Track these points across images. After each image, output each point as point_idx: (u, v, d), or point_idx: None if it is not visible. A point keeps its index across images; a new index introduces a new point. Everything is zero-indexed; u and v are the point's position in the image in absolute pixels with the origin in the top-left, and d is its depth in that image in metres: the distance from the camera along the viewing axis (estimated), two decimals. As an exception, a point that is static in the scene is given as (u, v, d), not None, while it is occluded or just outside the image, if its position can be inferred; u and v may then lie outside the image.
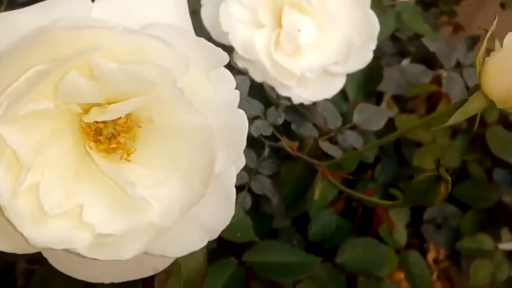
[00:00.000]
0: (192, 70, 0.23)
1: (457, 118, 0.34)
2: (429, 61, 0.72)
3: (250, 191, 0.51)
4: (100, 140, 0.25)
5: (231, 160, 0.25)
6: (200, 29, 0.49)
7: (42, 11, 0.23)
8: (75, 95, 0.22)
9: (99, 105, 0.24)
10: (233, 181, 0.26)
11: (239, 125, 0.25)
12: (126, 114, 0.25)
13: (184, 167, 0.25)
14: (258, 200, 0.55)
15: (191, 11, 0.35)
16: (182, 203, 0.24)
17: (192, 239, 0.25)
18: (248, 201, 0.51)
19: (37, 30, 0.21)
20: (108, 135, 0.25)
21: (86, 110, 0.24)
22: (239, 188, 0.52)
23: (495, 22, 0.33)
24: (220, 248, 0.50)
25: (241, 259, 0.50)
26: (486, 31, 0.34)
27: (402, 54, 0.76)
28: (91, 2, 0.24)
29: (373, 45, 0.50)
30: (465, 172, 0.70)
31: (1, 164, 0.21)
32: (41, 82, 0.21)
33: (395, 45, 0.74)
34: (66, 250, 0.23)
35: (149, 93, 0.23)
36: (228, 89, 0.24)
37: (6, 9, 0.69)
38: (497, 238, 0.66)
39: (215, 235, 0.26)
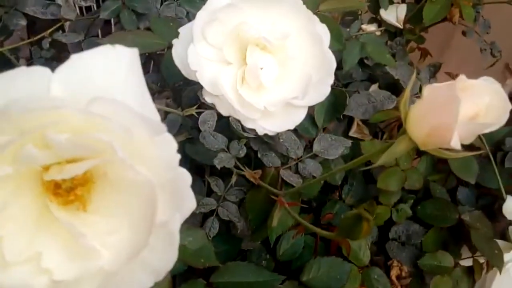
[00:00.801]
0: (136, 137, 0.27)
1: (386, 158, 0.37)
2: (396, 86, 0.75)
3: (218, 216, 0.55)
4: (59, 193, 0.29)
5: (174, 210, 0.29)
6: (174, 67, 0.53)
7: (4, 82, 0.26)
8: (32, 161, 0.26)
9: (58, 163, 0.28)
10: (177, 226, 0.30)
11: (180, 180, 0.28)
12: (83, 171, 0.28)
13: (132, 217, 0.28)
14: (228, 224, 0.59)
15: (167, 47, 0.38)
16: (130, 249, 0.28)
17: (139, 280, 0.29)
18: (216, 226, 0.54)
19: (1, 109, 0.24)
20: (67, 189, 0.29)
21: (46, 167, 0.28)
22: (209, 214, 0.56)
23: (413, 76, 0.37)
24: (189, 271, 0.53)
25: (208, 280, 0.53)
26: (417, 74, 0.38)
27: (371, 79, 0.79)
28: (50, 73, 0.28)
29: (330, 80, 0.53)
30: (428, 192, 0.74)
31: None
32: (2, 152, 0.25)
33: (364, 72, 0.78)
34: (27, 294, 0.26)
35: (99, 157, 0.27)
36: (170, 152, 0.28)
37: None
38: (457, 256, 0.70)
39: (161, 276, 0.29)
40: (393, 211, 0.71)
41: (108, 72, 0.29)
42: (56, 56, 0.85)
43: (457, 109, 0.33)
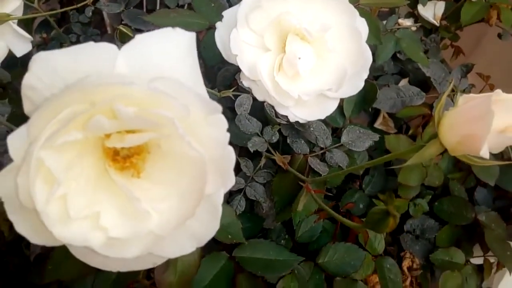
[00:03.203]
0: (192, 114, 0.29)
1: (415, 160, 0.40)
2: (426, 83, 0.77)
3: (245, 195, 0.57)
4: (117, 159, 0.32)
5: (220, 185, 0.32)
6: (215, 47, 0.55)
7: (75, 56, 0.29)
8: (100, 129, 0.29)
9: (119, 132, 0.31)
10: (220, 200, 0.32)
11: (227, 158, 0.31)
12: (139, 141, 0.31)
13: (182, 187, 0.31)
14: (253, 203, 0.62)
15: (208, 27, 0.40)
16: (178, 217, 0.30)
17: (183, 245, 0.32)
18: (242, 204, 0.57)
19: (74, 83, 0.27)
20: (124, 156, 0.32)
21: (108, 135, 0.31)
22: (236, 192, 0.59)
23: (452, 83, 0.39)
24: (214, 242, 0.56)
25: (231, 254, 0.56)
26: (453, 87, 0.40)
27: (401, 74, 0.81)
28: (116, 50, 0.31)
29: (365, 75, 0.55)
30: (447, 189, 0.76)
31: (38, 179, 0.28)
32: (75, 119, 0.27)
33: (395, 65, 0.79)
34: (84, 247, 0.29)
35: (157, 130, 0.29)
36: (221, 131, 0.30)
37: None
38: (469, 253, 0.72)
39: (202, 243, 0.32)
40: (411, 205, 0.73)
41: (168, 53, 0.32)
42: (92, 22, 0.88)
43: (490, 123, 0.35)
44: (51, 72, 0.29)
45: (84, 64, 0.29)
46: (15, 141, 0.28)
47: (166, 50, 0.32)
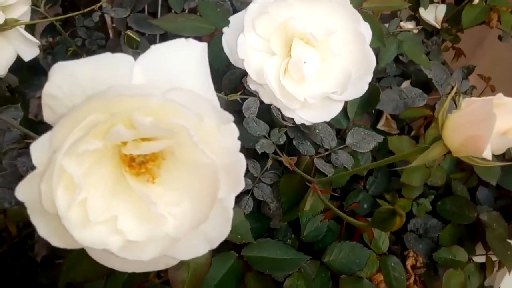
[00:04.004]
0: (206, 123, 0.31)
1: (419, 161, 0.41)
2: (428, 84, 0.78)
3: (253, 196, 0.59)
4: (133, 166, 0.33)
5: (231, 189, 0.33)
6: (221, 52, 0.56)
7: (93, 66, 0.31)
8: (119, 138, 0.30)
9: (134, 139, 0.32)
10: (231, 204, 0.34)
11: (238, 165, 0.32)
12: (154, 149, 0.33)
13: (195, 192, 0.33)
14: (260, 203, 0.63)
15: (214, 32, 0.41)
16: (192, 220, 0.32)
17: (197, 247, 0.33)
18: (250, 204, 0.59)
19: (95, 94, 0.28)
20: (139, 162, 0.33)
21: (125, 143, 0.32)
22: (244, 193, 0.60)
23: (455, 86, 0.40)
24: (223, 243, 0.58)
25: (240, 253, 0.58)
26: (452, 88, 0.41)
27: (403, 76, 0.82)
28: (132, 60, 0.32)
29: (369, 78, 0.56)
30: (450, 189, 0.77)
31: (60, 185, 0.29)
32: (95, 129, 0.29)
33: (397, 68, 0.81)
34: (103, 250, 0.31)
35: (173, 138, 0.31)
36: (233, 139, 0.32)
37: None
38: (471, 252, 0.73)
39: (215, 245, 0.34)
40: (414, 204, 0.74)
41: (182, 63, 0.33)
42: (97, 27, 0.90)
43: (493, 125, 0.36)
44: (71, 81, 0.31)
45: (102, 74, 0.31)
46: (37, 149, 0.29)
47: (181, 60, 0.33)
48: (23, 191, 0.30)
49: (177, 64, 0.33)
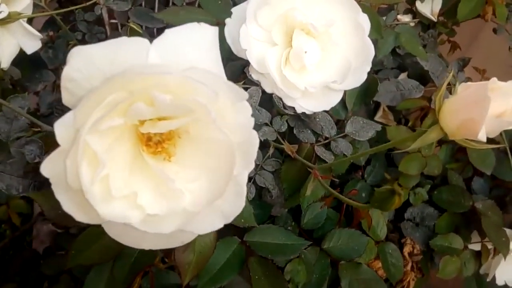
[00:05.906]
0: (221, 100, 0.32)
1: (417, 144, 0.43)
2: (424, 76, 0.80)
3: (255, 183, 0.60)
4: (150, 145, 0.34)
5: (245, 166, 0.34)
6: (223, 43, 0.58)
7: (111, 49, 0.32)
8: (139, 116, 0.31)
9: (151, 119, 0.34)
10: (245, 181, 0.35)
11: (252, 142, 0.34)
12: (170, 128, 0.34)
13: (211, 169, 0.34)
14: (261, 190, 0.65)
15: (215, 23, 0.43)
16: (208, 196, 0.33)
17: (213, 221, 0.35)
18: (252, 191, 0.60)
19: (115, 74, 0.30)
20: (156, 141, 0.34)
21: (142, 122, 0.34)
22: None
23: (451, 74, 0.42)
24: (226, 228, 0.59)
25: (243, 238, 0.59)
26: (448, 75, 0.43)
27: (400, 68, 0.84)
28: (148, 43, 0.33)
29: (368, 68, 0.58)
30: (445, 179, 0.79)
31: (84, 161, 0.30)
32: (116, 106, 0.30)
33: (394, 60, 0.82)
34: (124, 223, 0.32)
35: (190, 116, 0.32)
36: (246, 116, 0.33)
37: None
38: (467, 239, 0.75)
39: (229, 220, 0.35)
40: (411, 193, 0.76)
41: (196, 45, 0.35)
42: (97, 20, 0.91)
43: (487, 107, 0.38)
44: (89, 64, 0.32)
45: (120, 57, 0.32)
46: (61, 127, 0.31)
47: (194, 43, 0.35)
48: (48, 167, 0.31)
49: (191, 46, 0.34)
